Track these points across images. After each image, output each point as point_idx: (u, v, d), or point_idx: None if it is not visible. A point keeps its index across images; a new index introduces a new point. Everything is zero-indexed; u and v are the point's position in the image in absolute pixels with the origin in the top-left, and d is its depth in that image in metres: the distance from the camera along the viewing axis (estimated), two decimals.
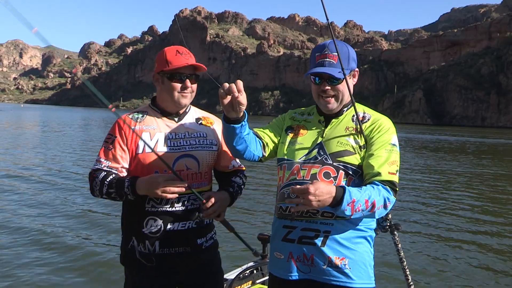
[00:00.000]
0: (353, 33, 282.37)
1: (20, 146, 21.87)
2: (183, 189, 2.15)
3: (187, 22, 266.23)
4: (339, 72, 2.03)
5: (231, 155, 2.39)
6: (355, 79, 2.19)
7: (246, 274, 3.18)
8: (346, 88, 2.10)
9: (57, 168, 14.99)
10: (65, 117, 68.10)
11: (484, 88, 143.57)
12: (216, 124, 2.48)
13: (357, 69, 2.17)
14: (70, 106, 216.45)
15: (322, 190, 1.81)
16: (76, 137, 28.88)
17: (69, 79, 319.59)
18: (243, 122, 2.00)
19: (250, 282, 3.23)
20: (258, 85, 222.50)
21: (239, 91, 1.88)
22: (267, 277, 3.20)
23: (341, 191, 1.86)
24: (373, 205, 1.91)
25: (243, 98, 1.89)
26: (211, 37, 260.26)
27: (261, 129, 2.28)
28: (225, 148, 2.41)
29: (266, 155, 2.24)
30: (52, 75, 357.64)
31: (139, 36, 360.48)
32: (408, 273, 2.17)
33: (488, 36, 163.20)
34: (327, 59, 2.08)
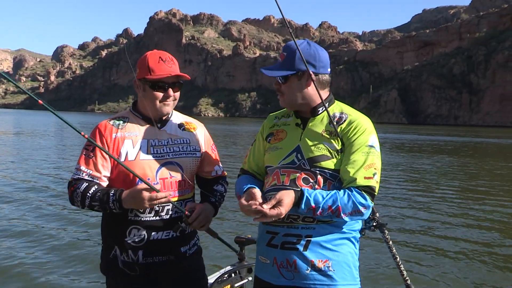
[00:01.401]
0: (328, 34, 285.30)
1: None
2: (168, 198, 2.10)
3: (162, 25, 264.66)
4: (279, 72, 2.08)
5: (213, 161, 2.44)
6: (310, 82, 2.08)
7: (225, 278, 3.15)
8: (292, 89, 2.09)
9: (31, 178, 14.66)
10: (38, 121, 66.70)
11: (456, 87, 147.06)
12: (199, 129, 2.44)
13: (311, 72, 2.05)
14: (43, 111, 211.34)
15: (289, 204, 1.89)
16: (50, 143, 28.33)
17: (42, 83, 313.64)
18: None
19: (229, 285, 3.21)
20: (234, 87, 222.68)
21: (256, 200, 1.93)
22: (245, 280, 3.26)
23: (298, 196, 1.91)
24: (338, 211, 1.92)
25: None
26: (187, 39, 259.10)
27: (252, 167, 2.28)
28: (207, 154, 2.42)
29: None
30: (24, 79, 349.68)
31: (114, 39, 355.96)
32: (402, 268, 2.16)
33: (459, 37, 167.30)
34: (278, 59, 2.13)
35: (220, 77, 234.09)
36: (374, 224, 2.26)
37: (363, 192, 1.96)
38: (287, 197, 1.89)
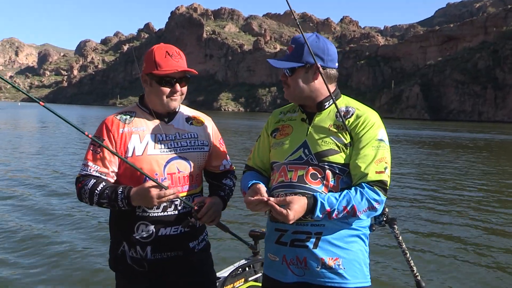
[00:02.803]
0: (350, 29, 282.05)
1: (19, 147, 21.79)
2: (176, 194, 2.09)
3: (183, 19, 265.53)
4: (286, 63, 2.05)
5: (221, 154, 2.42)
6: (318, 75, 2.04)
7: (239, 272, 3.16)
8: (298, 82, 2.06)
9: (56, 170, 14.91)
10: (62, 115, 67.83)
11: (480, 83, 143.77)
12: (207, 123, 2.41)
13: (319, 65, 2.02)
14: (67, 104, 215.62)
15: (298, 210, 1.86)
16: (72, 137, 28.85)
17: (66, 77, 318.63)
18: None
19: (243, 279, 3.22)
20: (255, 82, 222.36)
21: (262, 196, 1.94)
22: (259, 274, 3.24)
23: (311, 202, 1.89)
24: (354, 211, 1.91)
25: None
26: (208, 34, 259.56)
27: (257, 163, 2.26)
28: (215, 148, 2.40)
29: None
30: (48, 73, 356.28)
31: (135, 34, 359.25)
32: (412, 264, 2.16)
33: (484, 31, 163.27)
34: (286, 51, 2.11)
35: (240, 72, 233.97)
36: (384, 219, 2.23)
37: (375, 187, 1.94)
38: (297, 203, 1.87)
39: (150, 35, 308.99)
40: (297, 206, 1.85)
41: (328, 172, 1.99)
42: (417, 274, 2.18)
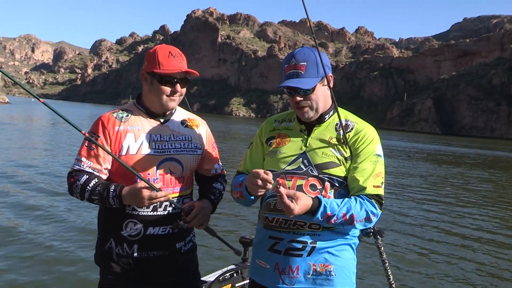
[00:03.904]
0: (364, 39, 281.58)
1: (30, 144, 21.87)
2: (168, 197, 2.09)
3: (199, 23, 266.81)
4: (308, 81, 2.02)
5: (213, 159, 2.43)
6: (331, 84, 2.09)
7: (226, 277, 3.14)
8: (319, 96, 2.06)
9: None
10: (74, 113, 68.48)
11: (495, 99, 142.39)
12: (201, 127, 2.43)
13: (330, 74, 2.08)
14: (79, 102, 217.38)
15: (302, 208, 1.87)
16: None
17: (80, 75, 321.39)
18: None
19: (230, 285, 3.19)
20: (267, 88, 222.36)
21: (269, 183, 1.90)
22: (247, 281, 3.18)
23: (316, 204, 1.90)
24: (352, 219, 1.93)
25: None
26: (222, 38, 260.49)
27: (249, 169, 2.20)
28: (208, 151, 2.41)
29: None
30: (63, 70, 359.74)
31: (151, 35, 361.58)
32: (390, 273, 2.21)
33: (501, 47, 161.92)
34: (295, 70, 2.04)
35: (253, 78, 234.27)
36: (372, 230, 2.25)
37: (372, 201, 1.99)
38: (304, 200, 1.87)
39: (165, 37, 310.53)
40: (303, 203, 1.86)
41: (327, 184, 2.01)
42: (392, 282, 2.23)
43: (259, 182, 1.88)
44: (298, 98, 2.05)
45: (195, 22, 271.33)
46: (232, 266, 3.30)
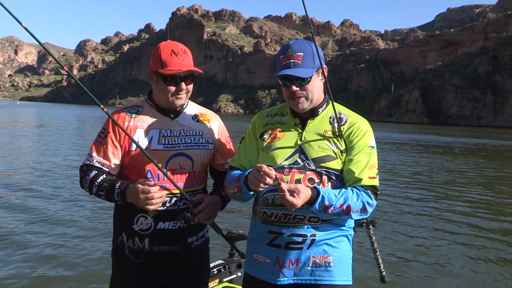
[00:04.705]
0: (350, 32, 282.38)
1: (17, 147, 21.64)
2: (164, 195, 2.10)
3: (184, 20, 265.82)
4: (305, 70, 2.03)
5: (227, 153, 2.40)
6: (325, 75, 2.12)
7: (214, 272, 3.16)
8: (315, 87, 2.08)
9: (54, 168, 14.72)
10: (60, 115, 67.80)
11: (480, 88, 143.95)
12: (213, 121, 2.42)
13: (325, 66, 2.10)
14: (66, 104, 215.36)
15: (304, 200, 1.89)
16: (71, 136, 28.69)
17: (65, 76, 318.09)
18: None
19: (217, 280, 3.23)
20: (254, 84, 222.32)
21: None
22: (234, 276, 3.32)
23: (315, 194, 1.92)
24: (348, 209, 1.96)
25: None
26: (208, 35, 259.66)
27: (243, 164, 2.20)
28: (221, 146, 2.40)
29: None
30: (47, 72, 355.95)
31: (136, 34, 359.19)
32: (380, 261, 2.28)
33: (484, 36, 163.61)
34: (292, 60, 2.04)
35: (240, 74, 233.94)
36: (365, 221, 2.28)
37: (368, 191, 2.02)
38: (305, 193, 1.89)
39: (151, 36, 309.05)
40: (303, 196, 1.88)
41: (325, 178, 2.02)
42: (382, 270, 2.28)
43: (262, 177, 1.88)
44: (295, 88, 2.04)
45: (180, 20, 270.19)
46: (220, 261, 3.31)
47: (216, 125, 2.41)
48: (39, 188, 10.87)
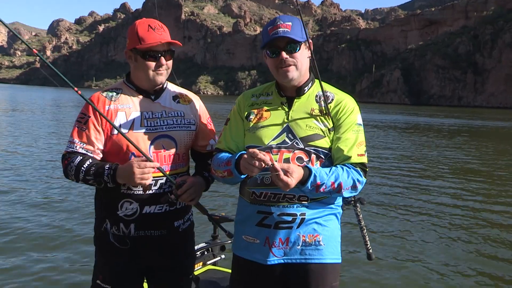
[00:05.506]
0: (331, 12, 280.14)
1: None
2: (155, 168, 2.09)
3: (161, 0, 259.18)
4: (296, 36, 2.00)
5: (209, 134, 2.39)
6: (311, 49, 2.10)
7: (198, 255, 3.16)
8: (304, 57, 2.05)
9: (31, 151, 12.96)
10: (35, 97, 64.77)
11: (461, 68, 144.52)
12: (194, 102, 2.38)
13: (310, 41, 2.08)
14: (40, 86, 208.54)
15: (297, 180, 1.88)
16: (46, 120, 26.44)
17: (38, 58, 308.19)
18: None
19: (201, 263, 3.26)
20: (234, 65, 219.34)
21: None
22: (218, 258, 3.35)
23: (307, 174, 1.92)
24: (340, 187, 1.97)
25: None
26: (186, 15, 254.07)
27: (230, 146, 2.17)
28: (202, 127, 2.37)
29: None
30: (19, 53, 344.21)
31: (111, 14, 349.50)
32: (367, 239, 2.31)
33: (465, 15, 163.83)
34: (281, 29, 2.00)
35: (219, 55, 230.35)
36: (353, 199, 2.27)
37: (358, 169, 2.03)
38: (297, 172, 1.88)
39: (127, 16, 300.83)
40: (297, 175, 1.87)
41: (313, 156, 2.02)
42: (369, 247, 2.31)
43: (257, 163, 1.86)
44: (285, 55, 2.01)
45: None
46: (203, 244, 3.29)
47: (197, 106, 2.37)
48: (18, 173, 10.40)
